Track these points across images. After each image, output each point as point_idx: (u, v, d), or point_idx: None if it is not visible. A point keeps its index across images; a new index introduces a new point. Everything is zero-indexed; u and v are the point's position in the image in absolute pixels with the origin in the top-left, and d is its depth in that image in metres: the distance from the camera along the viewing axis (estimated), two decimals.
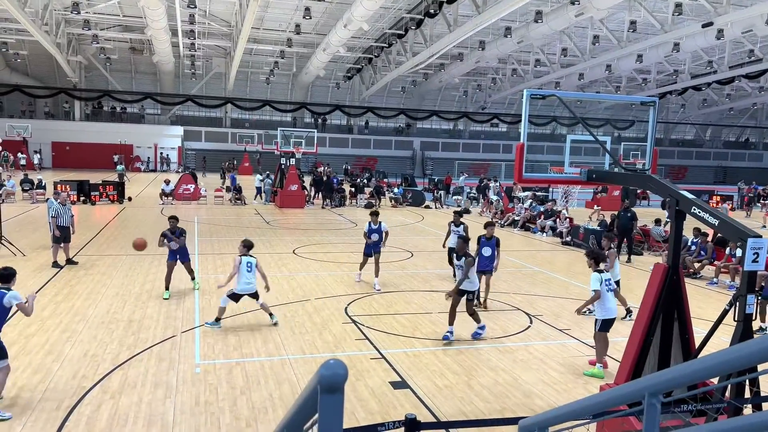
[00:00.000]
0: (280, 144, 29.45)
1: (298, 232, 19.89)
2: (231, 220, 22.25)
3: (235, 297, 9.15)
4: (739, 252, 12.10)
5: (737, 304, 5.31)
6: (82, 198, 25.22)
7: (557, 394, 7.25)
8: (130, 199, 26.88)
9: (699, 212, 5.79)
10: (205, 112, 55.38)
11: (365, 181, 36.76)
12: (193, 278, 11.56)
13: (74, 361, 7.70)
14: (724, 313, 5.44)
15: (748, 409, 4.98)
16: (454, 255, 12.34)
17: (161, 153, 51.80)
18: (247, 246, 9.40)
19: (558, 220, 20.74)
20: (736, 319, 5.30)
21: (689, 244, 15.12)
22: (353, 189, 30.21)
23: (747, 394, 5.01)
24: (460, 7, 31.48)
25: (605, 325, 7.89)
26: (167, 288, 11.02)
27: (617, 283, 10.22)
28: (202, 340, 8.69)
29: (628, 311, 10.23)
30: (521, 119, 7.40)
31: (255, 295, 9.29)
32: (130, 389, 6.93)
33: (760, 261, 5.26)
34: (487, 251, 10.91)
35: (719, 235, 13.61)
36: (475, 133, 62.32)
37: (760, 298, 9.98)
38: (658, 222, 18.13)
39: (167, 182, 27.41)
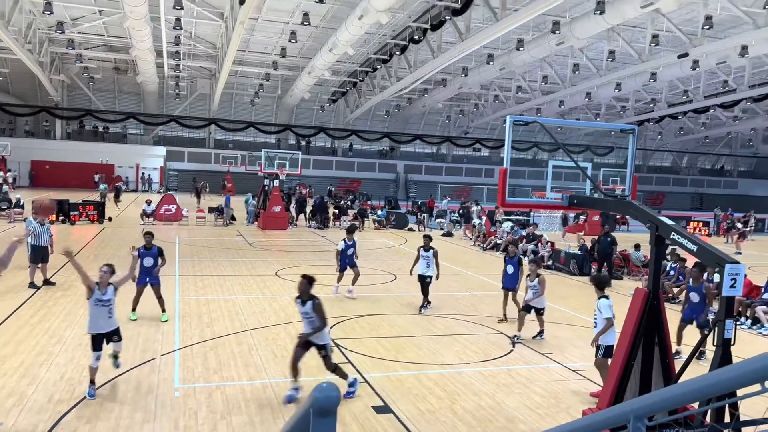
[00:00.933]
0: (264, 165, 29.43)
1: (281, 253, 19.79)
2: (213, 241, 22.08)
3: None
4: (716, 277, 12.29)
5: (716, 329, 5.40)
6: (61, 218, 24.88)
7: (540, 418, 7.25)
8: (110, 219, 26.59)
9: (678, 238, 5.91)
10: (189, 132, 55.25)
11: (349, 203, 36.81)
12: (163, 310, 10.80)
13: (50, 385, 7.53)
14: (704, 338, 5.52)
15: None
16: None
17: (143, 173, 51.44)
18: None
19: (539, 244, 20.90)
20: (715, 344, 5.38)
21: (668, 269, 15.32)
22: (337, 211, 30.21)
23: (727, 419, 5.06)
24: (444, 34, 32.00)
25: (609, 351, 7.57)
26: (134, 309, 10.74)
27: (537, 310, 10.43)
28: (181, 364, 8.56)
29: (540, 332, 10.67)
30: (503, 144, 7.53)
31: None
32: (107, 414, 6.78)
33: (738, 287, 5.36)
34: (510, 269, 11.83)
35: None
36: (457, 157, 62.89)
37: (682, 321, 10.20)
38: (637, 247, 18.35)
39: (148, 202, 27.18)
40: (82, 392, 7.31)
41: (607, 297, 7.87)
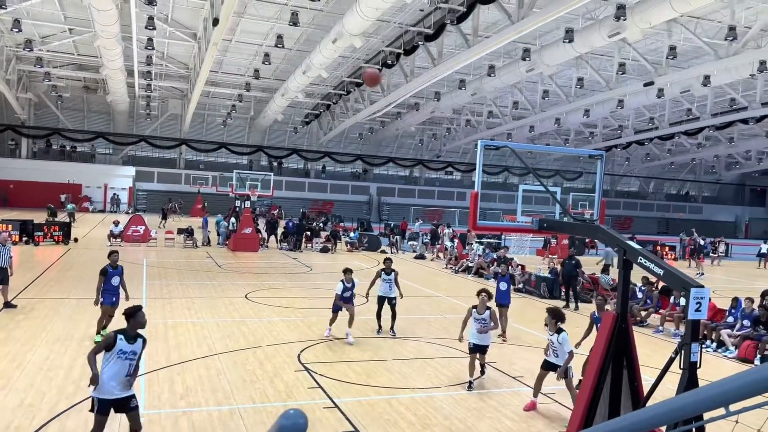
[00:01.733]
0: (236, 186, 29.21)
1: (251, 276, 19.55)
2: (181, 263, 21.71)
3: None
4: (682, 301, 12.51)
5: (682, 352, 5.47)
6: (24, 238, 24.23)
7: None
8: (76, 240, 25.98)
9: (645, 262, 6.01)
10: (159, 152, 54.61)
11: (321, 224, 36.65)
12: (105, 327, 10.56)
13: (8, 411, 7.25)
14: (670, 361, 5.59)
15: None
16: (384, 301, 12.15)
17: (113, 194, 50.57)
18: None
19: (510, 267, 21.04)
20: (681, 367, 5.44)
21: (637, 292, 15.54)
22: (309, 233, 30.04)
23: None
24: (417, 59, 32.43)
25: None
26: (99, 333, 10.52)
27: (482, 349, 9.31)
28: (147, 389, 8.33)
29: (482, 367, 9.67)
30: (475, 168, 7.61)
31: None
32: None
33: (703, 310, 5.46)
34: (503, 286, 12.63)
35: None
36: (430, 180, 63.37)
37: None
38: (605, 270, 18.60)
39: (116, 223, 26.66)
40: (42, 419, 7.07)
41: (564, 330, 8.27)
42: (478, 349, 9.28)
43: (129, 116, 51.53)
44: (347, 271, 11.92)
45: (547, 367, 8.36)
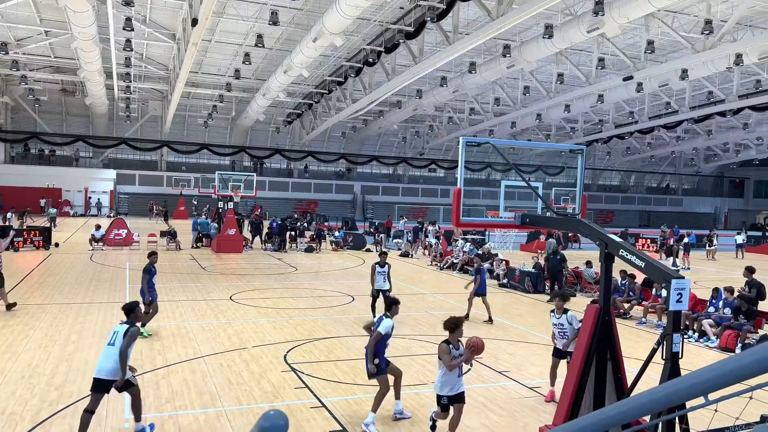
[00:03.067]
0: (218, 187, 29.04)
1: (235, 277, 19.44)
2: (165, 266, 21.50)
3: None
4: (664, 292, 12.65)
5: (664, 343, 5.54)
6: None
7: None
8: (57, 245, 25.64)
9: (626, 255, 6.07)
10: (140, 155, 54.11)
11: (305, 224, 36.56)
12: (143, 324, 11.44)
13: None
14: (653, 352, 5.66)
15: None
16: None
17: (90, 197, 49.95)
18: None
19: (494, 262, 21.18)
20: (663, 357, 5.52)
21: (619, 285, 15.71)
22: (293, 233, 29.93)
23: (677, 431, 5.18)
24: (398, 57, 32.46)
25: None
26: (143, 326, 11.18)
27: (455, 399, 7.27)
28: None
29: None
30: (458, 165, 7.61)
31: None
32: None
33: (684, 301, 5.53)
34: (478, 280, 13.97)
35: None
36: (413, 177, 63.51)
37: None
38: (589, 264, 18.78)
39: (98, 227, 26.35)
40: (25, 427, 6.97)
41: (568, 309, 8.53)
42: (456, 401, 6.85)
43: (108, 119, 50.97)
44: (395, 303, 7.95)
45: (558, 354, 8.58)
